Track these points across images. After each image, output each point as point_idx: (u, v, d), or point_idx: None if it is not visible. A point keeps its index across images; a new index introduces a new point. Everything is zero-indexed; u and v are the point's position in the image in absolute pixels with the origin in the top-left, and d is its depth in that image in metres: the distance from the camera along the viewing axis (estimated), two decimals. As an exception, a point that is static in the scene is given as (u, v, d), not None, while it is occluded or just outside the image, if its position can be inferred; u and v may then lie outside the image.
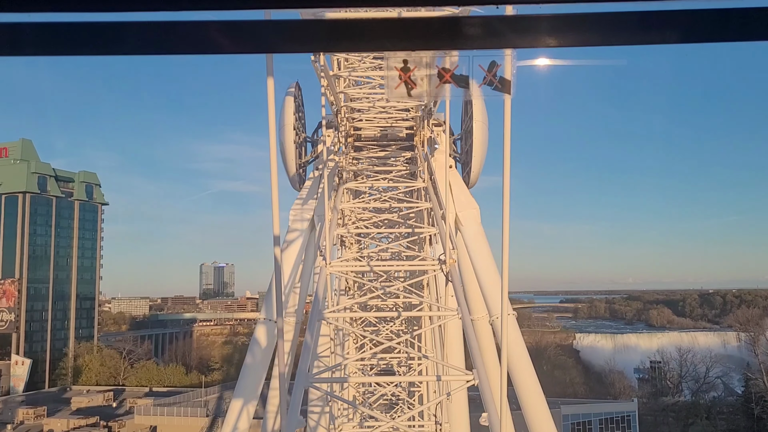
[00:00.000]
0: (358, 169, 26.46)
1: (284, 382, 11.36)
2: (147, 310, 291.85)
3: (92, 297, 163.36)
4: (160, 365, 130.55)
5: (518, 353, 22.71)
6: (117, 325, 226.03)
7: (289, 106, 25.75)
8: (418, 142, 26.91)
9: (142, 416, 79.78)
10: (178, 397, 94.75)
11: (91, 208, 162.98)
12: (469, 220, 24.88)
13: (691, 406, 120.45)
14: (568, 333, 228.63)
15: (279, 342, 10.03)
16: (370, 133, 27.43)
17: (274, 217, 10.52)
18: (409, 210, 25.66)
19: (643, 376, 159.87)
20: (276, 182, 10.56)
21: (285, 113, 25.60)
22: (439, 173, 24.33)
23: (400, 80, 9.25)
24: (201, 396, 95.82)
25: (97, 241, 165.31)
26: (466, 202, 25.28)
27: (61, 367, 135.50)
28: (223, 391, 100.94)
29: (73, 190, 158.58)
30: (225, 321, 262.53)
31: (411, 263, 24.02)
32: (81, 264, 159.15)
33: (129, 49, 2.56)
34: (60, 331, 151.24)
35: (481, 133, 25.63)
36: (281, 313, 10.12)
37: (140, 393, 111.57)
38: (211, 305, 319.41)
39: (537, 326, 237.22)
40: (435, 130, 26.36)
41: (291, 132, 25.45)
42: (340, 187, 25.55)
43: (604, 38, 2.57)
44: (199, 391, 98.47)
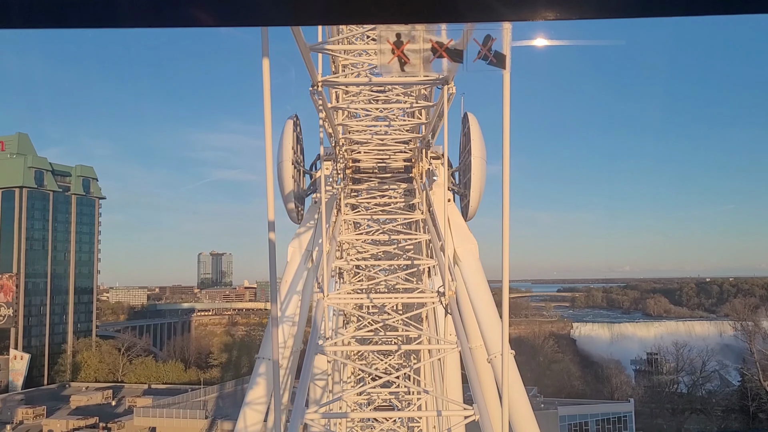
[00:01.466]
0: (356, 201, 26.49)
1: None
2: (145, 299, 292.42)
3: (90, 291, 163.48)
4: (159, 361, 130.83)
5: (517, 391, 22.90)
6: (115, 314, 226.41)
7: (288, 141, 25.72)
8: (416, 174, 26.92)
9: (141, 417, 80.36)
10: (177, 397, 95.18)
11: (88, 202, 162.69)
12: (468, 255, 24.92)
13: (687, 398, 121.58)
14: (566, 322, 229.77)
15: (273, 330, 10.02)
16: (369, 165, 27.43)
17: (269, 203, 10.50)
18: (408, 242, 25.71)
19: (640, 368, 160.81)
20: (271, 167, 10.58)
21: (283, 148, 25.57)
22: (438, 206, 24.36)
23: (393, 54, 9.06)
24: (200, 396, 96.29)
25: (95, 236, 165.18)
26: (465, 237, 25.30)
27: (60, 363, 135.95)
28: (221, 391, 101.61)
29: (70, 184, 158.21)
30: (223, 311, 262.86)
31: (410, 295, 24.07)
32: (79, 258, 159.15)
33: (119, 21, 2.46)
34: (59, 326, 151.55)
35: (479, 170, 25.65)
36: (275, 300, 10.16)
37: (139, 390, 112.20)
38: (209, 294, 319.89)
39: (534, 316, 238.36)
40: (433, 162, 26.38)
41: (289, 167, 25.45)
42: (338, 218, 25.58)
43: (603, 8, 2.44)
44: (198, 391, 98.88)
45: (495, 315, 25.06)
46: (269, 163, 10.39)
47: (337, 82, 22.80)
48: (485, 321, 24.29)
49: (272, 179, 10.45)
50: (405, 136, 26.39)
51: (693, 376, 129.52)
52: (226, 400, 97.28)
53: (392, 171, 27.45)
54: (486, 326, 24.31)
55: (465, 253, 24.94)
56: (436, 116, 22.88)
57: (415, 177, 26.89)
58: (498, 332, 24.88)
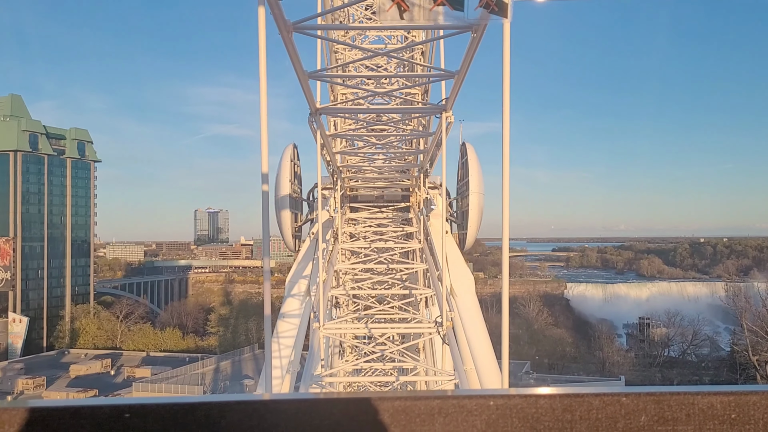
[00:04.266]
0: (354, 229, 26.36)
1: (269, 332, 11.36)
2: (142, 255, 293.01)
3: (87, 254, 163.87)
4: (157, 328, 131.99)
5: None
6: (112, 271, 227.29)
7: (285, 174, 25.45)
8: (414, 203, 26.74)
9: (140, 392, 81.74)
10: (176, 370, 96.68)
11: (83, 165, 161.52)
12: (464, 290, 24.98)
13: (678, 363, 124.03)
14: (560, 283, 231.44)
15: (265, 285, 10.19)
16: (367, 194, 27.21)
17: (263, 155, 10.56)
18: (406, 271, 25.67)
19: (631, 332, 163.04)
20: (265, 118, 10.64)
21: (281, 183, 25.33)
22: (436, 236, 24.27)
23: (393, 2, 8.87)
24: (198, 368, 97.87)
25: (91, 199, 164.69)
26: (461, 272, 25.30)
27: (59, 329, 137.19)
28: (219, 362, 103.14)
29: (64, 147, 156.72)
30: (220, 268, 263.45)
31: (407, 325, 24.17)
32: (75, 222, 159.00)
33: None
34: (56, 289, 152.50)
35: (477, 206, 25.48)
36: (267, 254, 10.32)
37: (137, 359, 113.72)
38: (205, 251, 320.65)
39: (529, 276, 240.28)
40: (431, 192, 26.16)
41: (287, 199, 25.25)
42: (335, 247, 25.47)
43: None
44: (196, 364, 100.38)
45: (491, 351, 25.28)
46: (263, 115, 10.38)
47: (336, 110, 22.42)
48: (480, 358, 24.52)
49: (266, 131, 10.45)
50: (403, 164, 26.12)
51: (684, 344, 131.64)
52: (223, 372, 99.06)
53: (390, 200, 27.25)
54: (481, 363, 24.54)
55: (461, 288, 24.98)
56: (434, 145, 22.56)
57: (412, 206, 26.73)
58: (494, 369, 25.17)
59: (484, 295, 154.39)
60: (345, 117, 24.59)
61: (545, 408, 2.23)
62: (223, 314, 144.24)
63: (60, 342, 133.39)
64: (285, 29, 11.44)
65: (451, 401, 2.23)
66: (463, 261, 26.05)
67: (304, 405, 2.24)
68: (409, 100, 25.27)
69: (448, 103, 17.93)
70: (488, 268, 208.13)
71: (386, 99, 23.24)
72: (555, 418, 2.23)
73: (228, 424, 2.15)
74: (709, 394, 2.27)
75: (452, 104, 18.18)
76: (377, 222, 26.80)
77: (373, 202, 27.44)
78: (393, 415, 2.18)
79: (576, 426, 2.23)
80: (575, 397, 2.25)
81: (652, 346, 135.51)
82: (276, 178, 25.53)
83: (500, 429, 2.21)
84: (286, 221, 25.95)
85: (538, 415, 2.23)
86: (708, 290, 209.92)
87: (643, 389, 2.30)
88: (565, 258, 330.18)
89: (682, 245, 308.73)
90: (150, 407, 2.16)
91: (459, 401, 2.23)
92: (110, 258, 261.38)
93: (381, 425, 2.16)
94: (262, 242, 10.15)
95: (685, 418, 2.26)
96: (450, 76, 15.43)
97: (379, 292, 25.52)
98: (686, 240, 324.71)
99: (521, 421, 2.22)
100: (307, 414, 2.19)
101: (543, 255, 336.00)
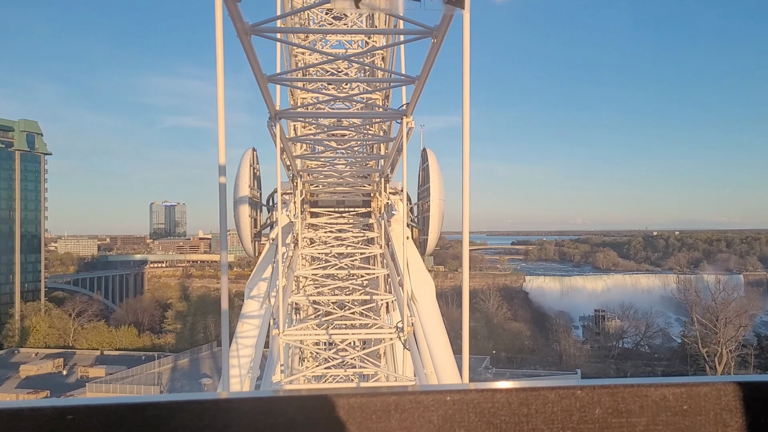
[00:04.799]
0: (315, 235, 26.10)
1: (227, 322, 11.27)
2: (95, 250, 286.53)
3: (38, 250, 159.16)
4: (112, 326, 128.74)
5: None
6: (64, 266, 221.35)
7: (244, 178, 25.00)
8: (375, 209, 26.61)
9: (94, 393, 79.77)
10: (132, 369, 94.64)
11: (33, 158, 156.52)
12: (425, 296, 25.01)
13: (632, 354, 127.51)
14: (519, 275, 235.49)
15: (223, 278, 10.06)
16: (327, 199, 26.98)
17: (220, 145, 10.40)
18: (366, 276, 25.56)
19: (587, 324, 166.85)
20: (222, 109, 10.47)
21: (239, 187, 24.88)
22: (397, 241, 24.23)
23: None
24: (154, 368, 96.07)
25: (41, 192, 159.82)
26: (422, 278, 25.31)
27: (8, 327, 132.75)
28: (176, 361, 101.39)
29: (13, 140, 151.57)
30: (177, 263, 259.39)
31: (368, 331, 24.06)
32: (24, 216, 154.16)
33: None
34: (5, 286, 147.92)
35: (437, 212, 25.52)
36: (225, 247, 10.17)
37: (91, 358, 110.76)
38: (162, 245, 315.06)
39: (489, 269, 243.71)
40: (392, 197, 26.07)
41: (246, 206, 24.83)
42: (295, 252, 25.18)
43: None
44: (152, 363, 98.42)
45: (450, 356, 25.42)
46: (221, 105, 10.17)
47: (296, 114, 22.12)
48: (441, 364, 24.62)
49: (223, 120, 10.25)
50: (364, 169, 25.97)
51: (637, 336, 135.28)
52: (181, 371, 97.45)
53: (351, 205, 27.07)
54: (441, 367, 24.63)
55: (422, 295, 25.00)
56: (395, 150, 22.47)
57: (373, 211, 26.59)
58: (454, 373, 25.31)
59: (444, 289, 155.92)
60: (305, 121, 24.31)
61: (502, 402, 2.26)
62: (181, 310, 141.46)
63: (9, 341, 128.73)
64: (243, 31, 11.13)
65: (408, 397, 2.24)
66: (424, 266, 26.06)
67: (258, 404, 2.21)
68: (370, 104, 25.10)
69: (409, 109, 17.84)
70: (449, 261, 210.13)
71: (347, 104, 23.01)
72: (511, 412, 2.26)
73: (178, 425, 2.11)
74: (662, 385, 2.35)
75: (413, 110, 18.10)
76: (338, 227, 26.59)
77: (334, 207, 27.22)
78: (349, 411, 2.17)
79: (532, 419, 2.27)
80: (531, 391, 2.30)
81: (607, 338, 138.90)
82: (235, 183, 25.10)
83: (457, 424, 2.23)
84: (245, 226, 25.52)
85: (494, 409, 2.25)
86: (660, 282, 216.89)
87: (598, 382, 2.35)
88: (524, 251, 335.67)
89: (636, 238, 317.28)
90: (95, 408, 2.10)
91: (415, 397, 2.24)
92: (62, 252, 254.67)
93: (337, 422, 2.15)
94: (219, 236, 9.95)
95: (639, 410, 2.32)
96: (410, 81, 15.35)
97: (339, 297, 25.33)
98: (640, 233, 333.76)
99: (478, 416, 2.25)
100: (261, 413, 2.16)
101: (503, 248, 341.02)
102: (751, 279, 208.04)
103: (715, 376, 2.77)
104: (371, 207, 26.59)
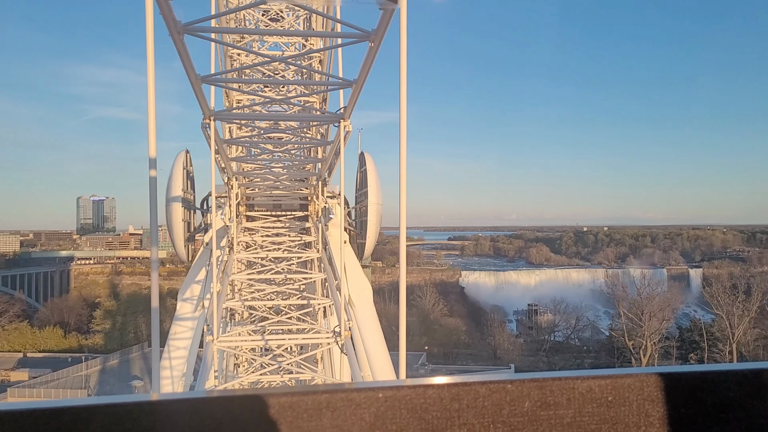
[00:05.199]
0: (251, 239, 25.66)
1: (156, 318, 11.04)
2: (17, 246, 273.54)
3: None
4: (35, 327, 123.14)
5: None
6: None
7: (177, 180, 24.31)
8: (312, 212, 26.39)
9: (16, 398, 76.00)
10: (57, 373, 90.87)
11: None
12: (362, 301, 24.97)
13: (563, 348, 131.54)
14: (455, 271, 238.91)
15: (153, 275, 9.83)
16: (264, 203, 26.57)
17: (150, 138, 10.15)
18: (303, 281, 25.33)
19: (521, 318, 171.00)
20: (153, 99, 10.20)
21: (172, 188, 24.17)
22: (334, 245, 24.12)
23: None
24: (82, 370, 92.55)
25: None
26: (360, 282, 25.26)
27: None
28: (105, 363, 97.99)
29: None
30: (106, 259, 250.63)
31: (305, 336, 23.86)
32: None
33: None
34: None
35: (375, 216, 25.53)
36: (155, 242, 9.91)
37: (12, 361, 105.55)
38: (90, 241, 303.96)
39: (426, 264, 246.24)
40: (329, 201, 25.93)
41: (179, 209, 24.16)
42: (230, 257, 24.69)
43: None
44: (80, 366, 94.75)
45: (388, 360, 25.48)
46: (151, 95, 9.90)
47: (231, 115, 21.66)
48: (378, 366, 24.64)
49: (153, 111, 10.02)
50: (301, 173, 25.69)
51: (568, 330, 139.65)
52: (110, 374, 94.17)
53: (288, 209, 26.77)
54: (378, 371, 24.66)
55: (359, 299, 24.94)
56: (333, 153, 22.33)
57: (311, 215, 26.38)
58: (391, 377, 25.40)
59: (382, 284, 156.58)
60: (241, 124, 23.84)
61: (434, 398, 2.27)
62: (110, 309, 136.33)
63: None
64: (176, 30, 10.75)
65: (340, 395, 2.22)
66: (361, 271, 26.03)
67: (184, 406, 2.16)
68: (308, 108, 24.85)
69: (347, 112, 17.77)
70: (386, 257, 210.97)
71: (284, 107, 22.68)
72: (443, 408, 2.27)
73: (97, 429, 2.05)
74: (588, 378, 2.42)
75: (350, 113, 18.03)
76: (275, 231, 26.23)
77: (271, 211, 26.84)
78: (279, 411, 2.15)
79: (463, 414, 2.30)
80: (463, 386, 2.33)
81: (539, 332, 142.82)
82: (167, 186, 24.38)
83: (389, 421, 2.23)
84: (177, 231, 24.83)
85: (426, 405, 2.26)
86: (590, 276, 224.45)
87: (528, 375, 2.41)
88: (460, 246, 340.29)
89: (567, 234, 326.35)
90: (5, 414, 2.02)
91: (348, 395, 2.23)
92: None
93: (267, 422, 2.14)
94: (150, 231, 9.68)
95: (566, 402, 2.38)
96: (348, 85, 15.28)
97: (276, 302, 25.02)
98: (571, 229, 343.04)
99: (410, 412, 2.25)
100: (186, 415, 2.12)
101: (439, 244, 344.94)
102: (673, 273, 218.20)
103: (638, 368, 2.87)
104: (308, 211, 26.37)
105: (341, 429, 2.19)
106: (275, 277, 25.08)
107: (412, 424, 2.25)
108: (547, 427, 2.36)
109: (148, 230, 61.35)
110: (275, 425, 2.13)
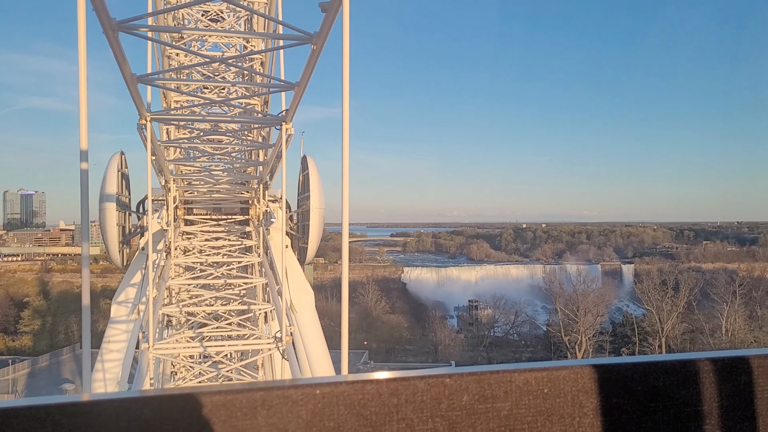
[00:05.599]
0: (189, 244, 25.03)
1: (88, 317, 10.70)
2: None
3: None
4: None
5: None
6: None
7: (112, 182, 23.47)
8: (253, 216, 25.95)
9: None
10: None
11: None
12: (304, 306, 24.77)
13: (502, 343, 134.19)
14: (397, 267, 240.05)
15: (84, 271, 9.55)
16: (203, 206, 25.96)
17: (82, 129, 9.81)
18: (244, 286, 24.92)
19: (461, 314, 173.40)
20: (85, 87, 9.88)
21: (105, 190, 23.31)
22: (275, 249, 23.80)
23: None
24: (8, 374, 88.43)
25: None
26: (302, 287, 25.04)
27: None
28: (34, 366, 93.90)
29: None
30: (35, 256, 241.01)
31: (245, 342, 23.48)
32: None
33: None
34: None
35: (317, 221, 25.32)
36: (87, 238, 9.62)
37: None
38: (17, 237, 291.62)
39: (368, 261, 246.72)
40: (271, 205, 25.56)
41: (113, 212, 23.34)
42: (167, 262, 24.04)
43: None
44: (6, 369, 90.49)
45: (330, 365, 25.38)
46: (83, 84, 9.55)
47: (169, 117, 21.06)
48: (319, 371, 24.53)
49: (85, 101, 9.70)
50: (242, 176, 25.22)
51: (507, 325, 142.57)
52: (39, 377, 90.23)
53: (228, 212, 26.25)
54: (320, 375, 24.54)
55: (301, 305, 24.75)
56: (275, 157, 22.04)
57: (252, 219, 25.93)
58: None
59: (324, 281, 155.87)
60: (179, 125, 23.21)
61: (372, 393, 2.26)
62: (39, 308, 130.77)
63: None
64: (110, 27, 10.37)
65: (276, 392, 2.19)
66: (303, 275, 25.78)
67: (110, 407, 2.07)
68: (249, 110, 24.40)
69: (288, 115, 17.54)
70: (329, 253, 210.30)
71: (224, 108, 22.18)
72: (381, 403, 2.27)
73: None
74: (525, 371, 2.47)
75: (292, 116, 17.81)
76: (214, 235, 25.68)
77: (210, 215, 26.26)
78: (212, 410, 2.10)
79: (402, 409, 2.31)
80: (401, 381, 2.32)
81: (479, 328, 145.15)
82: (101, 187, 23.52)
83: (326, 417, 2.21)
84: (111, 235, 24.00)
85: (365, 401, 2.26)
86: (529, 272, 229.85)
87: (466, 369, 2.43)
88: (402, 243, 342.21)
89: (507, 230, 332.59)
90: None
91: (284, 392, 2.20)
92: None
93: (199, 422, 2.09)
94: (81, 226, 9.32)
95: (504, 395, 2.42)
96: (290, 87, 15.11)
97: (215, 308, 24.54)
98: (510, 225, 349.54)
99: (348, 408, 2.24)
100: (112, 416, 2.04)
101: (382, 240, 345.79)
102: (607, 268, 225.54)
103: (572, 360, 2.93)
104: (249, 214, 25.93)
105: (277, 427, 2.15)
106: (215, 282, 24.58)
107: (350, 420, 2.24)
108: (485, 420, 2.39)
109: (79, 226, 59.45)
110: (208, 424, 2.06)
